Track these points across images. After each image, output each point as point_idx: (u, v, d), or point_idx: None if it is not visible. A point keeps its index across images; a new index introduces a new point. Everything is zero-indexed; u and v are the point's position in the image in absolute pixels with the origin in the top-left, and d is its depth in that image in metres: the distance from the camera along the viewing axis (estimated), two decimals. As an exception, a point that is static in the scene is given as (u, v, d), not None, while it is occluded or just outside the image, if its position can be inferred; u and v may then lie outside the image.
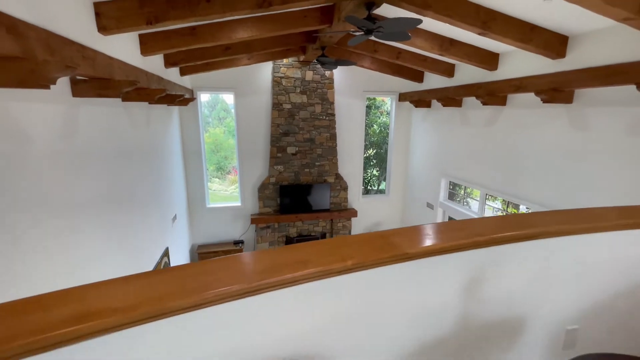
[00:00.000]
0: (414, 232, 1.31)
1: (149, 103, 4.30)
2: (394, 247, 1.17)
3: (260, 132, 6.94)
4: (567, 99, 3.73)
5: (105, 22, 2.52)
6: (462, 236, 1.25)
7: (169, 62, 4.51)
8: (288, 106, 6.85)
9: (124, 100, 3.40)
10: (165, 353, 0.98)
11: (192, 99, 6.15)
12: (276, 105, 6.77)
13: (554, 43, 3.52)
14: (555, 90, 3.65)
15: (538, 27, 3.43)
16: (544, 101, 3.79)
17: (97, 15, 2.50)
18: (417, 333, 1.29)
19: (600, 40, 3.23)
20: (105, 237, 3.05)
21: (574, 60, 3.51)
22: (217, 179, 12.67)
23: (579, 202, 3.68)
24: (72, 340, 0.83)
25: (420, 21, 2.65)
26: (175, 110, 6.06)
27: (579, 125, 3.71)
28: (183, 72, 5.48)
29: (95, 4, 2.48)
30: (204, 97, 7.37)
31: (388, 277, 1.20)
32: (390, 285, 1.22)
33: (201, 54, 4.61)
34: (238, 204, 7.24)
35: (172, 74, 4.92)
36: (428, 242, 1.23)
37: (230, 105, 10.82)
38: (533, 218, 1.52)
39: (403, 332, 1.27)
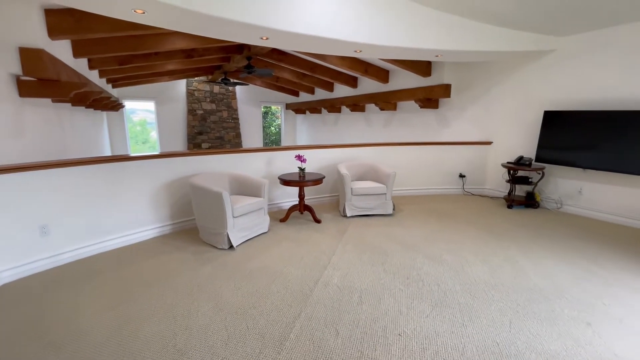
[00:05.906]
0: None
1: (94, 109, 6.02)
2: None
3: (179, 133, 8.84)
4: (362, 109, 6.99)
5: (94, 64, 4.49)
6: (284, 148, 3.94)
7: (109, 80, 6.27)
8: (201, 112, 8.95)
9: (87, 107, 5.21)
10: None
11: (123, 105, 7.75)
12: (191, 111, 8.81)
13: (350, 81, 6.70)
14: (355, 105, 6.85)
15: (342, 73, 6.55)
16: (351, 110, 6.99)
17: (89, 61, 4.45)
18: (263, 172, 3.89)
19: (367, 81, 6.51)
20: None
21: (361, 89, 6.76)
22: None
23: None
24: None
25: (272, 71, 5.35)
26: (104, 114, 7.57)
27: (368, 124, 7.00)
28: (114, 86, 7.14)
29: (89, 59, 4.43)
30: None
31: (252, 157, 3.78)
32: (255, 160, 3.78)
33: (132, 76, 6.49)
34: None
35: (109, 88, 6.63)
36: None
37: (133, 110, 11.94)
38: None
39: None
